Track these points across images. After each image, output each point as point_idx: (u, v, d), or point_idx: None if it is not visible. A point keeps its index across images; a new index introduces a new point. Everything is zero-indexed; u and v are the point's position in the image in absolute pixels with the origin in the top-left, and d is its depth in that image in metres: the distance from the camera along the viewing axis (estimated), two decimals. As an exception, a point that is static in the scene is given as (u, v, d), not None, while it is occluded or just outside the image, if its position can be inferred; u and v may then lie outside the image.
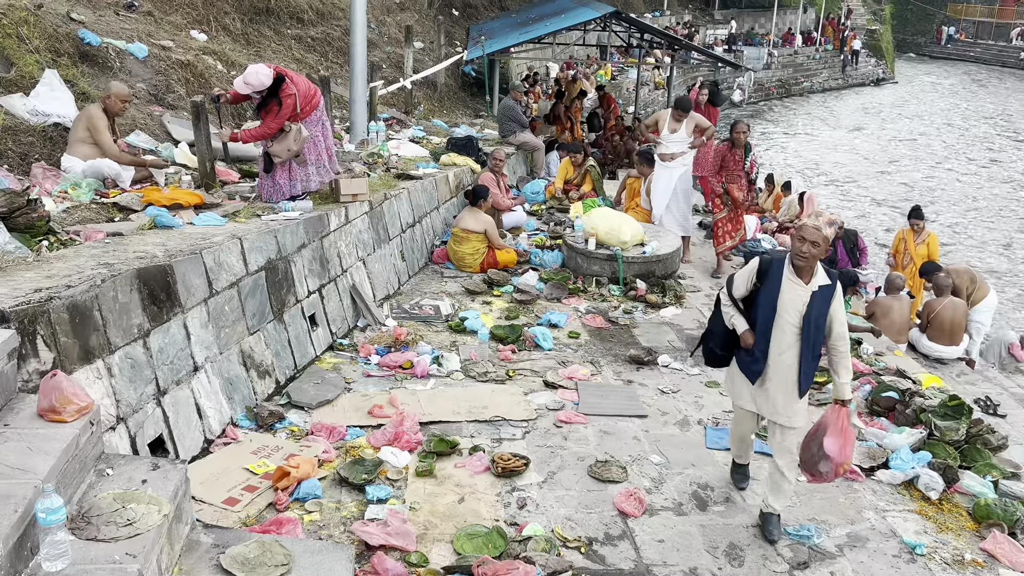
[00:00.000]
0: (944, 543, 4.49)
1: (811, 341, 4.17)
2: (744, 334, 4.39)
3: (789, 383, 4.28)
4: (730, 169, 8.63)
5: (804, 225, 4.06)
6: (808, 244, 4.03)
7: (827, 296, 4.14)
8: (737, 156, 8.55)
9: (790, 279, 4.18)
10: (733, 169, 8.62)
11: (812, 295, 4.12)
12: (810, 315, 4.13)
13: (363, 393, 5.71)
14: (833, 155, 25.03)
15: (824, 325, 4.17)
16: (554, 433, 5.39)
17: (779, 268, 4.21)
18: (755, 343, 4.31)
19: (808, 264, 4.09)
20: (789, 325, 4.19)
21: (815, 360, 4.27)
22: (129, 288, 4.22)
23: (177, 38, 9.48)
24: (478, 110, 15.60)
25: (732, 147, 8.52)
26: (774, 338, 4.24)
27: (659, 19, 31.30)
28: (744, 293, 4.41)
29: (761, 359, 4.31)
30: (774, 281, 4.21)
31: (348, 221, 6.94)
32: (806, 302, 4.13)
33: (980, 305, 8.63)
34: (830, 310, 4.15)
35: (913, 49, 54.47)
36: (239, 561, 3.35)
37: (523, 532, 4.26)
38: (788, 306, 4.17)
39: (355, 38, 9.08)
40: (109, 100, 6.29)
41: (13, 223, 4.65)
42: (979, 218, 18.59)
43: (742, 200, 8.88)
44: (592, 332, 7.24)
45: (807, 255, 4.04)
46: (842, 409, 4.20)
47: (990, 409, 6.47)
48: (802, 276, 4.14)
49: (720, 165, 8.68)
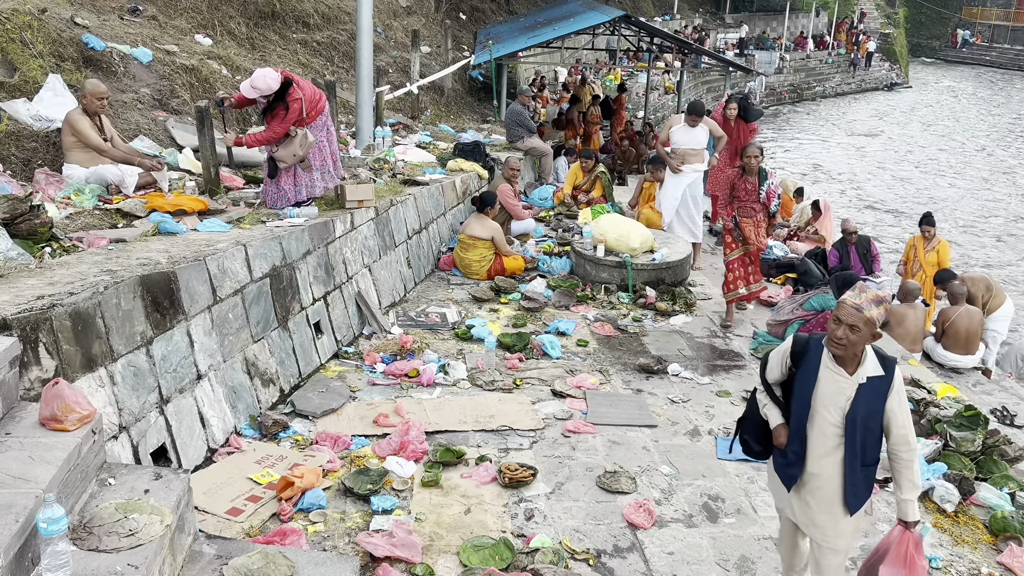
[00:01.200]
0: (960, 556, 4.40)
1: (858, 446, 3.35)
2: (777, 429, 3.58)
3: (832, 496, 3.46)
4: (742, 200, 7.37)
5: (842, 304, 3.23)
6: (844, 328, 3.20)
7: (880, 390, 3.30)
8: (750, 185, 7.30)
9: (829, 368, 3.35)
10: (746, 200, 7.35)
11: (858, 389, 3.30)
12: (855, 414, 3.31)
13: (368, 402, 5.65)
14: (845, 161, 24.94)
15: (877, 427, 3.34)
16: (562, 443, 5.33)
17: (817, 351, 3.40)
18: (788, 443, 3.52)
19: (847, 353, 3.27)
20: (830, 425, 3.37)
21: (867, 468, 3.43)
22: (132, 295, 4.18)
23: (181, 43, 9.47)
24: (485, 115, 15.58)
25: (743, 174, 7.34)
26: (811, 440, 3.43)
27: (669, 23, 31.28)
28: (779, 377, 3.60)
29: (796, 463, 3.50)
30: (810, 368, 3.40)
31: (354, 227, 6.89)
32: (850, 397, 3.31)
33: (996, 313, 8.54)
34: (886, 408, 3.32)
35: (928, 53, 54.33)
36: (242, 572, 3.31)
37: (530, 544, 4.20)
38: (827, 401, 3.36)
39: (361, 42, 9.05)
40: (86, 99, 6.26)
41: (15, 229, 4.62)
42: (995, 225, 18.46)
43: (756, 239, 7.43)
44: (601, 340, 7.17)
45: (844, 343, 3.22)
46: (906, 533, 3.38)
47: (1007, 419, 6.38)
48: (844, 365, 3.31)
49: (731, 195, 7.46)
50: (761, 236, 7.47)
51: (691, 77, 27.25)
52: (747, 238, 7.39)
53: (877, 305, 3.18)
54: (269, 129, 6.29)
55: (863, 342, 3.23)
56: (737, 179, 7.34)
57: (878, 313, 3.17)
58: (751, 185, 7.26)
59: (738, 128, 10.00)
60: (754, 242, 7.42)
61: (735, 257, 7.56)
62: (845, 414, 3.33)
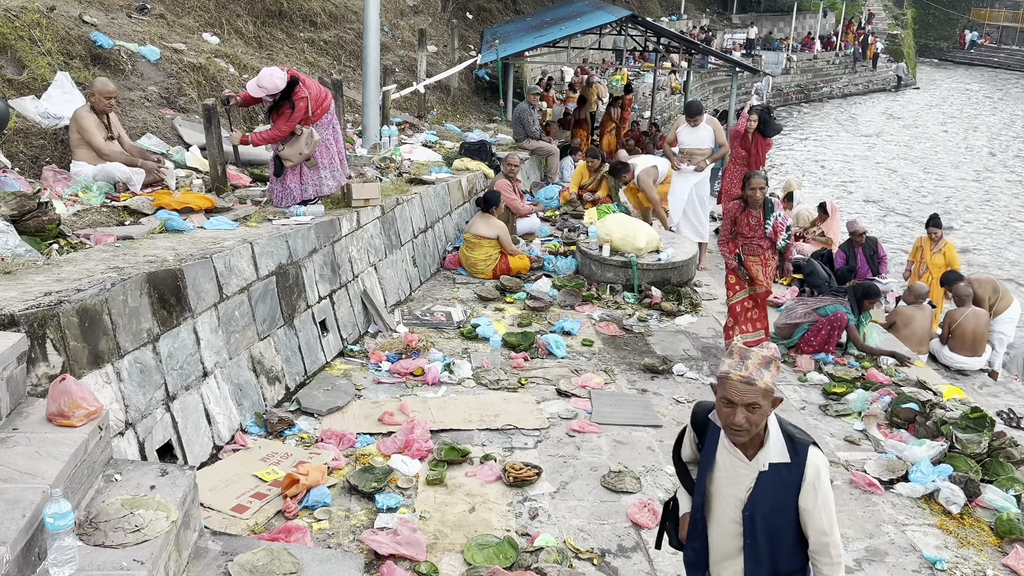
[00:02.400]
0: (965, 558, 4.39)
1: (763, 552, 2.66)
2: (681, 519, 3.00)
3: None
4: (747, 236, 6.43)
5: (726, 380, 2.53)
6: (742, 412, 2.50)
7: (788, 482, 2.58)
8: (753, 219, 6.35)
9: (726, 449, 2.67)
10: (751, 236, 6.42)
11: (758, 478, 2.59)
12: (754, 509, 2.62)
13: (373, 400, 5.66)
14: (851, 161, 24.86)
15: (788, 528, 2.62)
16: (567, 442, 5.32)
17: (715, 431, 2.71)
18: (689, 538, 2.89)
19: (740, 437, 2.57)
20: (730, 521, 2.70)
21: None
22: (139, 292, 4.19)
23: (189, 41, 9.49)
24: (491, 114, 15.57)
25: (745, 207, 6.39)
26: (711, 537, 2.78)
27: (676, 23, 31.22)
28: (691, 456, 2.95)
29: (697, 563, 2.88)
30: (710, 447, 2.73)
31: (360, 226, 6.90)
32: (749, 488, 2.63)
33: (1003, 315, 8.51)
34: (799, 505, 2.59)
35: (936, 54, 54.13)
36: (247, 569, 3.31)
37: (535, 543, 4.19)
38: (724, 490, 2.69)
39: (368, 41, 9.06)
40: (94, 98, 6.28)
41: (23, 226, 4.64)
42: (1003, 227, 18.39)
43: (764, 279, 6.51)
44: (606, 340, 7.17)
45: (739, 428, 2.53)
46: None
47: (1013, 422, 6.37)
48: (744, 448, 2.62)
49: (733, 230, 6.51)
50: (770, 276, 6.56)
51: (698, 77, 27.20)
52: (754, 278, 6.45)
53: (767, 367, 2.52)
54: (275, 128, 6.30)
55: (760, 419, 2.54)
56: (739, 213, 6.39)
57: (771, 376, 2.52)
58: (755, 219, 6.34)
59: (755, 142, 9.33)
60: (761, 283, 6.48)
61: (738, 300, 6.60)
62: (743, 508, 2.66)
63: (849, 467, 5.28)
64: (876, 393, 6.23)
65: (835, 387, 6.43)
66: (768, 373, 2.52)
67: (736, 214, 6.40)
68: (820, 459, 2.60)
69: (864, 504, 4.86)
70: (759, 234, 6.34)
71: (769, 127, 9.18)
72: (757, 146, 9.25)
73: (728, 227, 6.49)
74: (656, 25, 17.53)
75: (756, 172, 6.31)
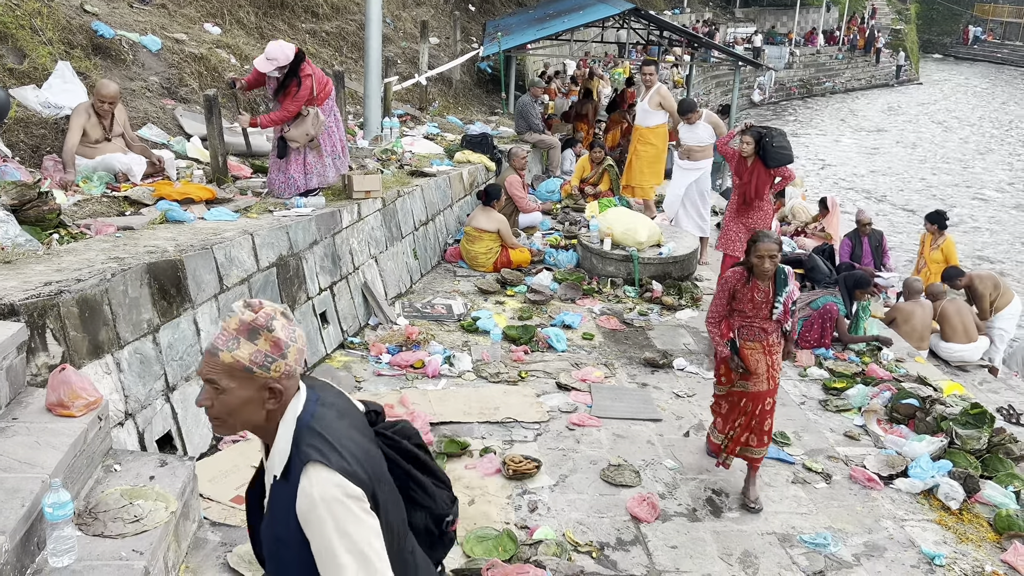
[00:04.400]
0: (964, 554, 4.39)
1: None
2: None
3: None
4: (747, 316, 4.68)
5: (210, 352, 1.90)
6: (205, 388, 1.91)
7: (285, 506, 1.86)
8: (759, 294, 4.61)
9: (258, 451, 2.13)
10: (752, 316, 4.66)
11: (271, 490, 1.94)
12: (266, 530, 1.97)
13: (373, 392, 5.66)
14: (853, 156, 24.83)
15: (293, 564, 1.88)
16: (566, 436, 5.33)
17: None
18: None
19: (216, 428, 1.97)
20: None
21: None
22: (139, 283, 4.18)
23: (191, 31, 9.46)
24: (493, 107, 15.53)
25: (749, 277, 4.62)
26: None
27: (678, 16, 31.14)
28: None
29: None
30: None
31: (360, 218, 6.89)
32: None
33: (1004, 312, 8.50)
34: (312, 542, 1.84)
35: (939, 50, 54.01)
36: (246, 560, 3.32)
37: (534, 536, 4.20)
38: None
39: (370, 33, 9.03)
40: (94, 99, 6.25)
41: (24, 216, 4.63)
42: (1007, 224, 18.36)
43: (768, 376, 4.68)
44: (606, 334, 7.16)
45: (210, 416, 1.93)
46: None
47: (1013, 418, 6.37)
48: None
49: (728, 306, 4.75)
50: (776, 372, 4.72)
51: (700, 71, 27.12)
52: (752, 372, 4.65)
53: (251, 336, 1.87)
54: (283, 108, 6.26)
55: (243, 408, 1.89)
56: (740, 284, 4.63)
57: (252, 352, 1.86)
58: (762, 295, 4.59)
59: (755, 172, 7.06)
60: (761, 379, 4.66)
61: (725, 393, 4.83)
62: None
63: (849, 462, 5.28)
64: (876, 389, 6.23)
65: (835, 382, 6.43)
66: (247, 345, 1.86)
67: (736, 285, 4.65)
68: (320, 487, 1.80)
69: (863, 499, 4.87)
70: (764, 314, 4.61)
71: (770, 155, 6.99)
72: (756, 177, 7.09)
73: (722, 301, 4.73)
74: (659, 18, 17.47)
75: (767, 233, 4.52)
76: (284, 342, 1.89)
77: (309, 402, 1.95)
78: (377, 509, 1.88)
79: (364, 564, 1.83)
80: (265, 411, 1.91)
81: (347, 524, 1.81)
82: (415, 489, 2.13)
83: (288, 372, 1.90)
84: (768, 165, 7.01)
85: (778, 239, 4.54)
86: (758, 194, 7.11)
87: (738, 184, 7.28)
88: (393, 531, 1.95)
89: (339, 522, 1.80)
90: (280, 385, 1.90)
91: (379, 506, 1.89)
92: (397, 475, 2.06)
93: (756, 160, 7.03)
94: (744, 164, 7.13)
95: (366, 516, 1.84)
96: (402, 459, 2.10)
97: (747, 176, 7.12)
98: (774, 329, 4.67)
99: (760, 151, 6.99)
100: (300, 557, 1.87)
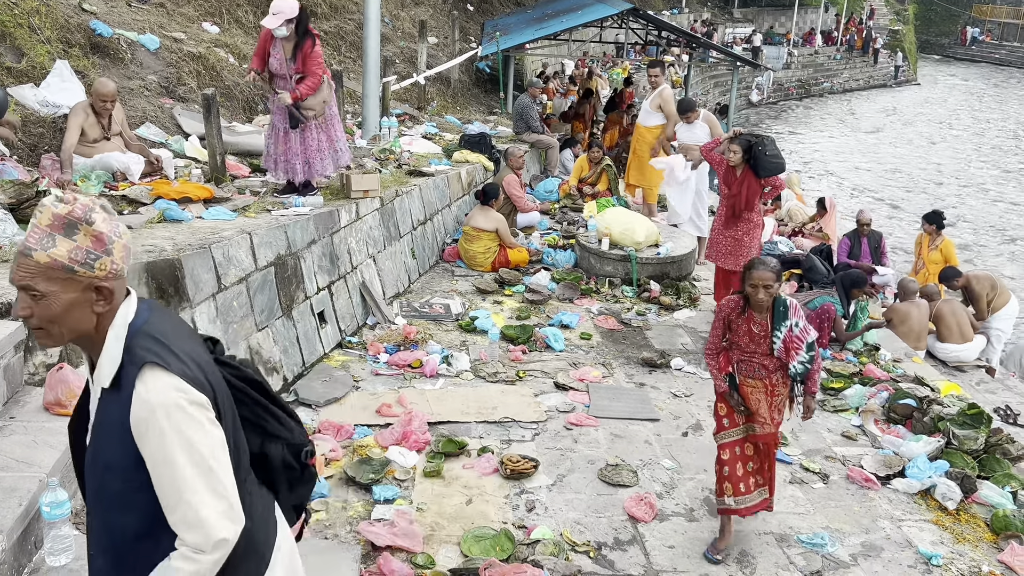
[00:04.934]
0: (961, 554, 4.40)
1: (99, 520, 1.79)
2: None
3: None
4: (743, 348, 4.21)
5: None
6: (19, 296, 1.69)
7: (114, 420, 1.68)
8: (756, 327, 4.14)
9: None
10: (752, 351, 4.19)
11: (98, 406, 1.74)
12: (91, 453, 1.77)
13: (371, 392, 5.66)
14: (851, 157, 24.85)
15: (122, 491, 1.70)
16: (564, 435, 5.33)
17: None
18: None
19: (40, 340, 1.76)
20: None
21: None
22: (137, 281, 4.18)
23: (189, 30, 9.45)
24: (492, 107, 15.53)
25: (745, 307, 4.15)
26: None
27: (677, 16, 31.15)
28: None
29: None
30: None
31: (359, 217, 6.89)
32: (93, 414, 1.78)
33: (1001, 312, 8.51)
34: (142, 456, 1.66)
35: (937, 50, 54.07)
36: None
37: (531, 535, 4.21)
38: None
39: (368, 32, 9.03)
40: (92, 98, 6.25)
41: (21, 214, 4.63)
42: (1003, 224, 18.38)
43: (769, 417, 4.22)
44: (604, 334, 7.17)
45: (32, 329, 1.73)
46: None
47: (1010, 418, 6.37)
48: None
49: (724, 340, 4.30)
50: (777, 415, 4.27)
51: (698, 72, 27.13)
52: (753, 412, 4.22)
53: (67, 232, 1.65)
54: (309, 73, 6.22)
55: (64, 314, 1.67)
56: (735, 314, 4.18)
57: (71, 249, 1.65)
58: (760, 327, 4.12)
59: (744, 182, 6.73)
60: (766, 422, 4.22)
61: (730, 441, 4.29)
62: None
63: (846, 462, 5.29)
64: (874, 389, 6.24)
65: (833, 382, 6.43)
66: (64, 242, 1.64)
67: (731, 315, 4.19)
68: (159, 392, 1.62)
69: (860, 499, 4.87)
70: (763, 349, 4.15)
71: (762, 164, 6.60)
72: (746, 187, 6.73)
73: (718, 332, 4.28)
74: (657, 19, 17.49)
75: (762, 261, 4.09)
76: (107, 236, 1.69)
77: (141, 308, 1.76)
78: (222, 423, 1.69)
79: (208, 479, 1.63)
80: (95, 316, 1.70)
81: (190, 433, 1.61)
82: (267, 419, 1.97)
83: (115, 271, 1.70)
84: (759, 175, 6.69)
85: (775, 267, 4.07)
86: (748, 206, 6.82)
87: (726, 195, 6.95)
88: (239, 458, 1.78)
89: (181, 431, 1.60)
90: (108, 285, 1.69)
91: (223, 421, 1.71)
92: (246, 405, 1.91)
93: (746, 169, 6.73)
94: (732, 174, 6.82)
95: (211, 426, 1.65)
96: (250, 387, 1.95)
97: (736, 187, 6.79)
98: (777, 367, 4.18)
99: (750, 160, 6.66)
100: (133, 485, 1.65)
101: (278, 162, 6.52)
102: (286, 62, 6.24)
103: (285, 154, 6.46)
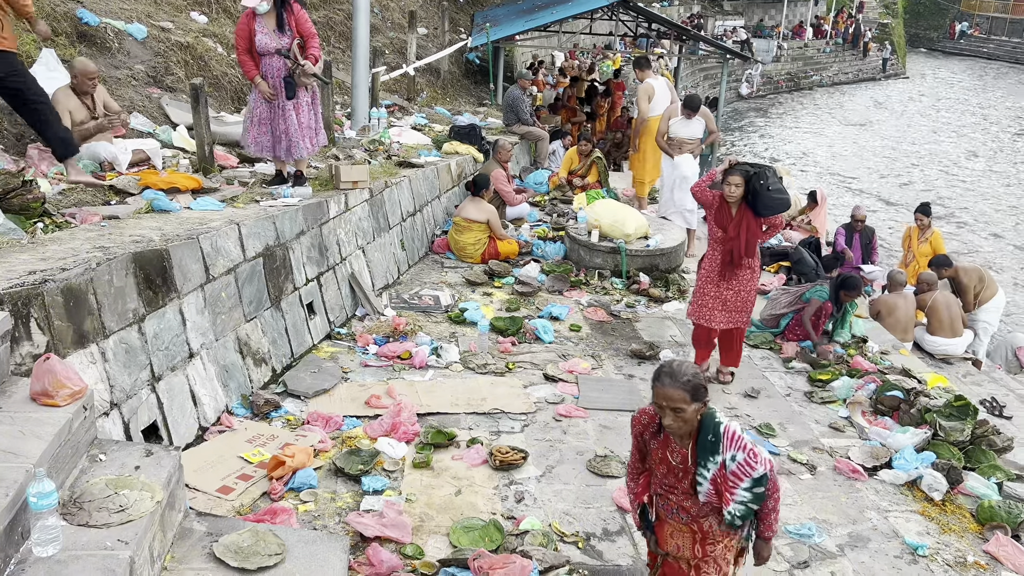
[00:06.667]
0: (947, 545, 4.43)
1: None
2: None
3: None
4: (660, 480, 3.11)
5: None
6: None
7: None
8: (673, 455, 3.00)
9: None
10: (669, 484, 3.07)
11: None
12: None
13: (360, 383, 5.65)
14: (838, 149, 24.93)
15: None
16: (553, 427, 5.34)
17: None
18: None
19: None
20: None
21: None
22: (124, 272, 4.16)
23: (177, 19, 9.37)
24: (481, 98, 15.49)
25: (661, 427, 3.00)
26: None
27: (667, 9, 31.12)
28: None
29: None
30: None
31: (348, 208, 6.87)
32: None
33: (988, 305, 8.57)
34: None
35: (925, 44, 54.28)
36: (232, 550, 3.31)
37: (520, 526, 4.21)
38: None
39: (358, 23, 8.98)
40: (76, 79, 6.21)
41: (7, 204, 4.59)
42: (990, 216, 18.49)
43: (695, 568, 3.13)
44: (593, 325, 7.17)
45: None
46: None
47: (996, 410, 6.41)
48: None
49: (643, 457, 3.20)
50: (707, 569, 3.11)
51: (688, 64, 27.14)
52: (670, 555, 3.18)
53: None
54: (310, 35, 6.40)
55: None
56: (649, 434, 3.07)
57: None
58: (679, 458, 2.99)
59: (743, 223, 5.64)
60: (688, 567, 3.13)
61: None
62: None
63: (833, 454, 5.32)
64: (861, 381, 6.27)
65: (820, 374, 6.47)
66: None
67: (643, 432, 3.10)
68: None
69: (847, 490, 4.90)
70: (684, 488, 3.02)
71: (764, 202, 5.53)
72: (745, 229, 5.66)
73: (633, 450, 3.21)
74: (647, 11, 17.44)
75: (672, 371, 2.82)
76: None
77: None
78: None
79: None
80: None
81: None
82: None
83: None
84: (759, 213, 5.59)
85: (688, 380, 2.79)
86: (749, 251, 5.72)
87: (721, 239, 5.76)
88: None
89: None
90: None
91: None
92: None
93: (743, 207, 5.62)
94: (726, 213, 5.69)
95: None
96: None
97: (734, 228, 5.65)
98: (708, 512, 3.01)
99: (748, 195, 5.57)
100: None
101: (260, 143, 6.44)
102: (273, 33, 6.21)
103: (287, 131, 6.38)
